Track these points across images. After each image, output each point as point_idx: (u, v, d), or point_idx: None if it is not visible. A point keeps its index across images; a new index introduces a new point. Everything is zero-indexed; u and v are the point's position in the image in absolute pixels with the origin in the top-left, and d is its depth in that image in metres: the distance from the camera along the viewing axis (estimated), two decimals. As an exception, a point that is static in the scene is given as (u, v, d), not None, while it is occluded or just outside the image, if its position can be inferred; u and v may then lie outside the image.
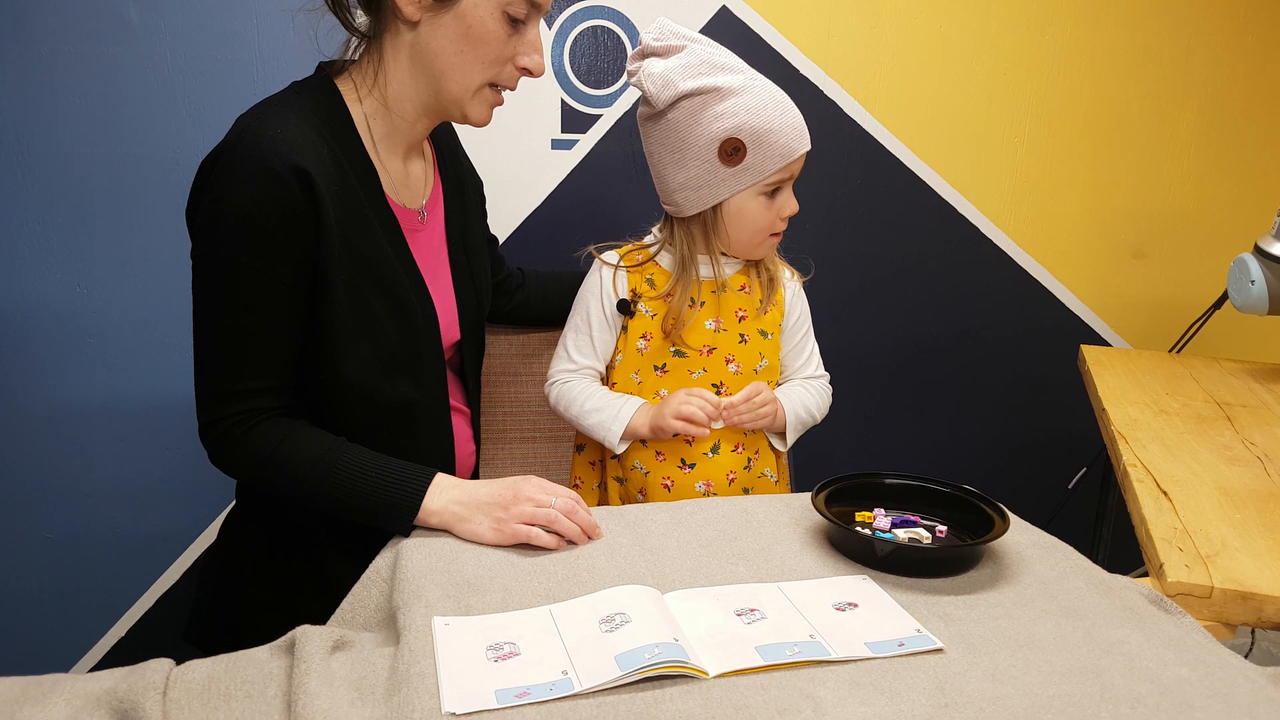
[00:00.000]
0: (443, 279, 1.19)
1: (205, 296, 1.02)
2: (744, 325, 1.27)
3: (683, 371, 1.26)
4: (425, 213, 1.16)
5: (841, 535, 1.01)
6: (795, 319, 1.32)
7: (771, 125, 1.18)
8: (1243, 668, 0.79)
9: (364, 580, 0.98)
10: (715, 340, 1.26)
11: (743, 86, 1.17)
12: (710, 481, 1.26)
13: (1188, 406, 1.50)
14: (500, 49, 1.05)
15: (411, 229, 1.13)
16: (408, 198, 1.14)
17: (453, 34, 1.03)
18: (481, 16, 1.02)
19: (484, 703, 0.72)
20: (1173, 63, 1.94)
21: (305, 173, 0.98)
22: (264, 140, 0.98)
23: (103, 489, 1.74)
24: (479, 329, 1.28)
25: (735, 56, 1.21)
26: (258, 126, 1.00)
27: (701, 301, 1.26)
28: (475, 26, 1.03)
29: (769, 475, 1.31)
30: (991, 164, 1.95)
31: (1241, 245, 2.00)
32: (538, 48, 1.09)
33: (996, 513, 1.02)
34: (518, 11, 1.04)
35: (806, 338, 1.34)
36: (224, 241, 0.99)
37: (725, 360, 1.26)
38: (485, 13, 1.02)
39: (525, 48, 1.07)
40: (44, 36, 1.55)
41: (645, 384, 1.27)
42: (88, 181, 1.62)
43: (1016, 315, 2.04)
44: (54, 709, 0.72)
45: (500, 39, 1.04)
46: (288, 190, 0.98)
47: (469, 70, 1.05)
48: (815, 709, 0.72)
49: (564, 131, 1.78)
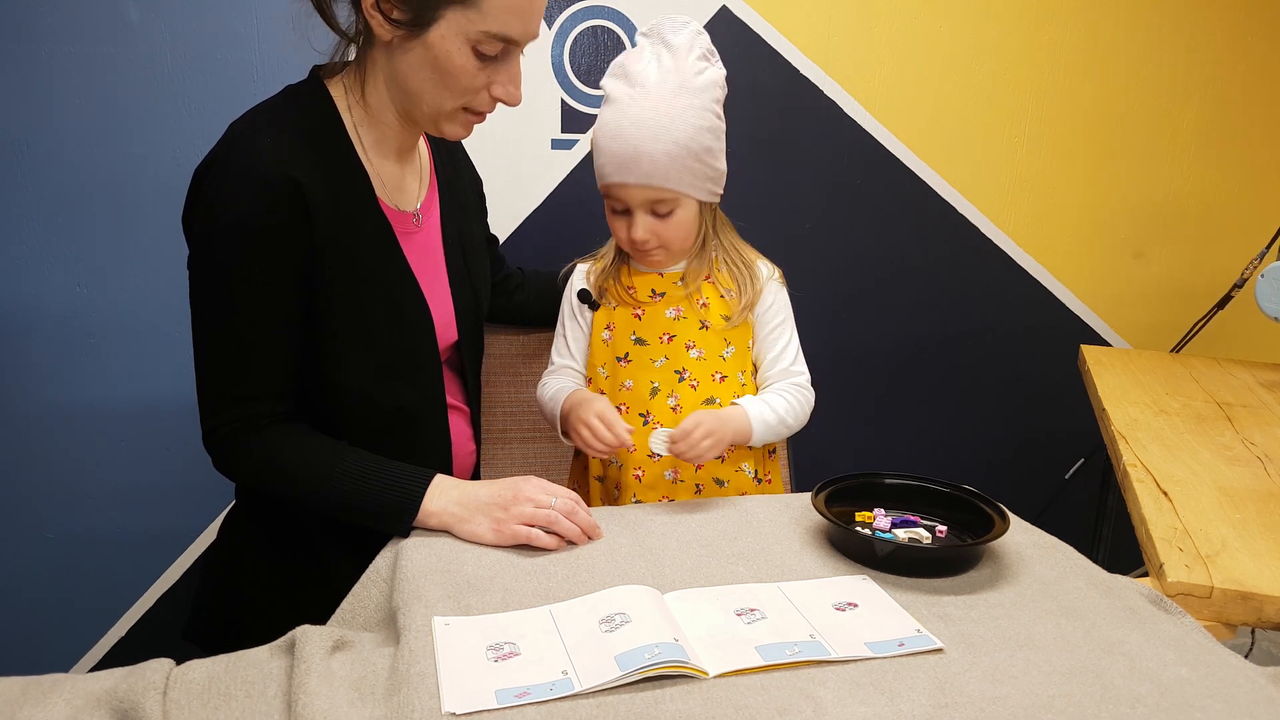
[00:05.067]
0: (439, 280, 1.19)
1: (202, 305, 1.03)
2: (705, 311, 1.27)
3: (644, 360, 1.26)
4: (420, 215, 1.16)
5: (841, 535, 1.01)
6: (768, 307, 1.30)
7: (601, 145, 1.18)
8: (1243, 668, 0.79)
9: (364, 580, 0.98)
10: (675, 328, 1.26)
11: (614, 98, 1.17)
12: (677, 469, 1.26)
13: (1188, 406, 1.50)
14: (470, 80, 1.03)
15: (406, 232, 1.13)
16: (401, 200, 1.14)
17: (422, 61, 1.02)
18: (449, 50, 1.00)
19: (484, 703, 0.72)
20: (1173, 62, 1.94)
21: (295, 182, 0.99)
22: (254, 150, 0.99)
23: (103, 489, 1.74)
24: (477, 329, 1.28)
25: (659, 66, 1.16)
26: (249, 135, 1.01)
27: (662, 293, 1.27)
28: (442, 59, 1.01)
29: (746, 469, 1.30)
30: (991, 164, 1.95)
31: (1242, 245, 2.00)
32: (515, 80, 1.06)
33: (996, 513, 1.02)
34: (488, 49, 1.01)
35: (782, 329, 1.30)
36: (218, 250, 1.00)
37: (686, 346, 1.26)
38: (453, 46, 1.00)
39: (502, 78, 1.05)
40: (44, 37, 1.55)
41: (612, 376, 1.28)
42: (88, 181, 1.62)
43: (1016, 315, 2.04)
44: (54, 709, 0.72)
45: (469, 71, 1.02)
46: (278, 200, 0.99)
47: (439, 96, 1.04)
48: (815, 709, 0.72)
49: (564, 131, 1.78)
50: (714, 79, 1.19)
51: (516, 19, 1.00)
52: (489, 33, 0.99)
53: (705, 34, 1.21)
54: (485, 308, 1.30)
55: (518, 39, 1.02)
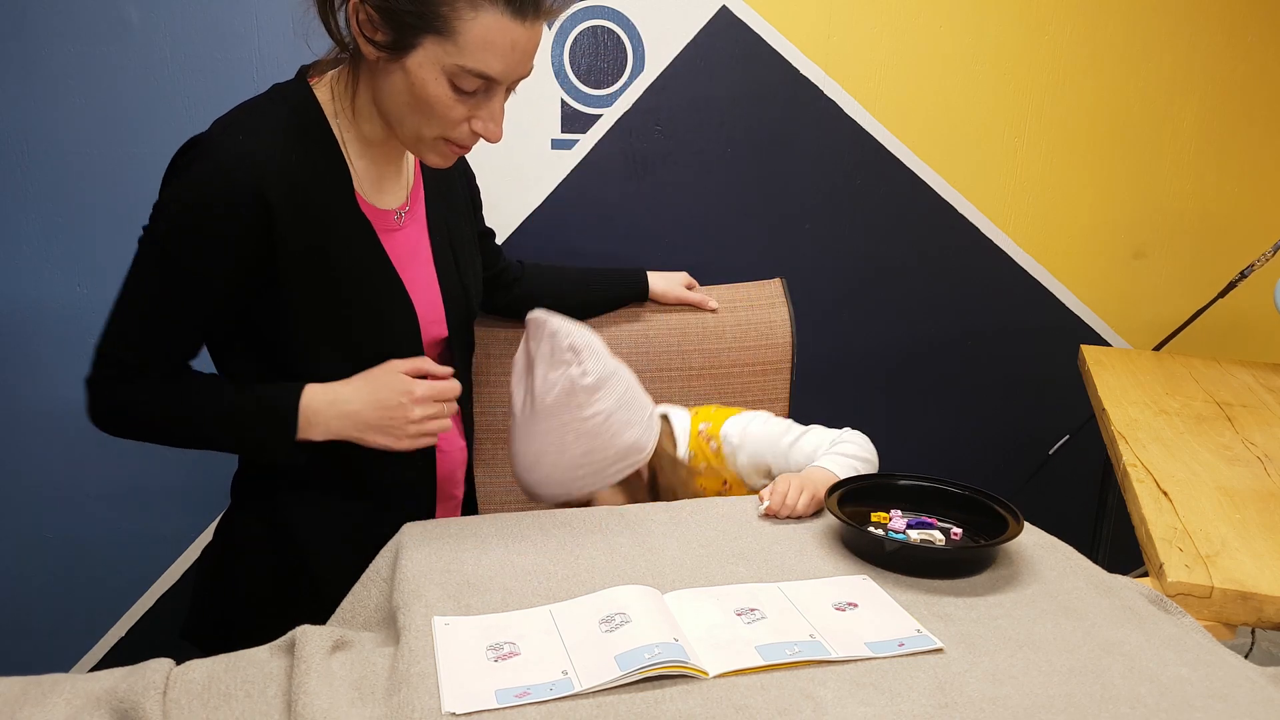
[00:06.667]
0: (426, 276, 1.19)
1: (136, 269, 1.04)
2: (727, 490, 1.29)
3: None
4: (402, 213, 1.16)
5: (852, 535, 1.01)
6: (750, 452, 1.26)
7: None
8: (1243, 668, 0.79)
9: (364, 580, 0.98)
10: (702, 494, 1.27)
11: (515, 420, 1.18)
12: None
13: (1188, 406, 1.50)
14: (447, 111, 1.01)
15: (387, 229, 1.13)
16: (383, 198, 1.14)
17: (402, 86, 1.00)
18: (425, 79, 0.98)
19: (484, 703, 0.72)
20: (1173, 63, 1.94)
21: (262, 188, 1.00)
22: (229, 148, 1.00)
23: (102, 489, 1.74)
24: (467, 324, 1.28)
25: (523, 395, 1.17)
26: (228, 133, 1.02)
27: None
28: (419, 87, 0.99)
29: None
30: (991, 164, 1.95)
31: (1241, 245, 2.00)
32: (495, 118, 1.03)
33: (1011, 515, 1.01)
34: (465, 85, 0.99)
35: (775, 441, 1.25)
36: (164, 223, 1.01)
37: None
38: (429, 76, 0.98)
39: (482, 115, 1.03)
40: (44, 37, 1.55)
41: None
42: (88, 181, 1.62)
43: (1016, 315, 2.04)
44: (54, 709, 0.72)
45: (445, 103, 1.00)
46: (239, 201, 0.99)
47: (417, 122, 1.03)
48: (815, 709, 0.72)
49: (564, 131, 1.78)
50: (566, 388, 1.13)
51: (495, 58, 0.98)
52: (465, 68, 0.97)
53: (562, 335, 1.14)
54: (476, 304, 1.30)
55: (496, 78, 0.99)
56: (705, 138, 1.82)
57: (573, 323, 1.17)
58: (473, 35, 0.96)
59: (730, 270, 1.77)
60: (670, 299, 1.57)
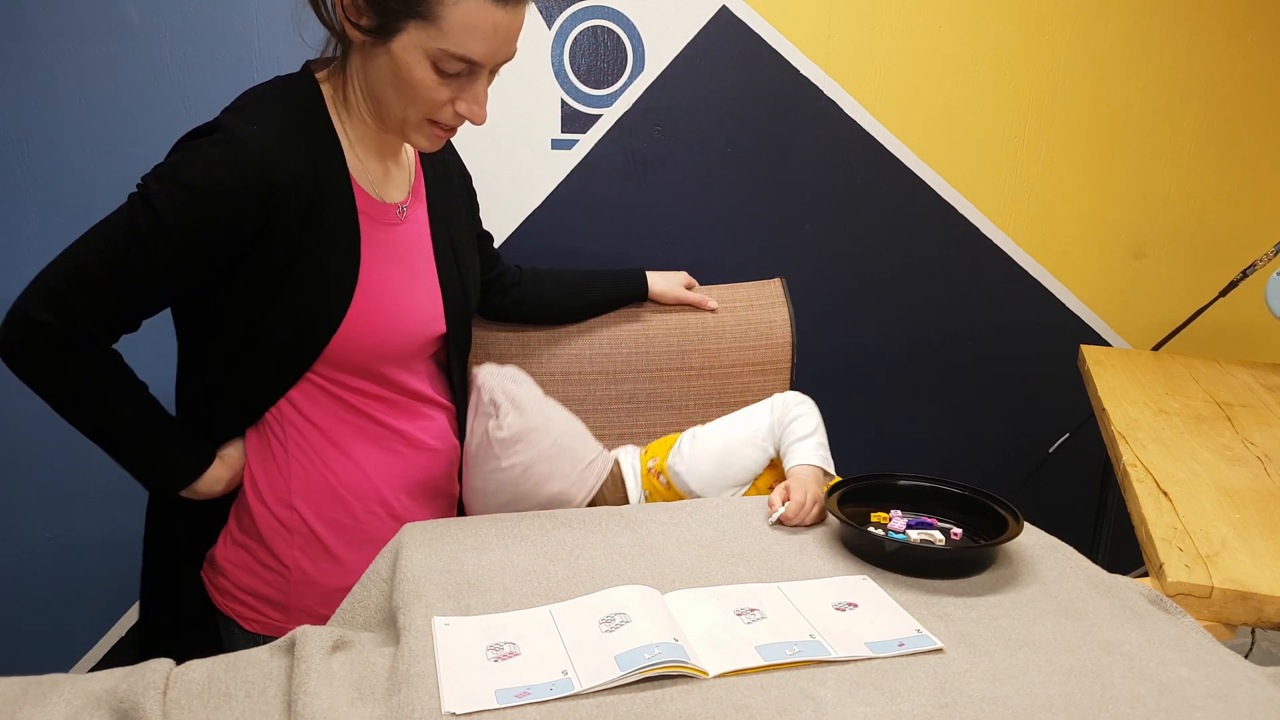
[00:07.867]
0: (426, 273, 1.19)
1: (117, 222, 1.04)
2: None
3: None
4: (404, 207, 1.16)
5: (852, 535, 1.01)
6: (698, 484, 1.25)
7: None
8: (1243, 668, 0.79)
9: (364, 580, 0.98)
10: None
11: None
12: None
13: (1188, 406, 1.50)
14: (431, 94, 1.03)
15: (388, 224, 1.14)
16: (386, 193, 1.15)
17: (388, 70, 1.02)
18: (409, 62, 1.00)
19: (484, 703, 0.72)
20: (1173, 63, 1.94)
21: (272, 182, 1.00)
22: (245, 137, 1.00)
23: (102, 490, 1.74)
24: (465, 322, 1.28)
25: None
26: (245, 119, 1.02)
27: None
28: (403, 70, 1.01)
29: None
30: (991, 164, 1.95)
31: (1241, 245, 2.00)
32: (479, 100, 1.05)
33: (1011, 515, 1.01)
34: (448, 67, 1.01)
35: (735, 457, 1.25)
36: (167, 197, 1.00)
37: None
38: (413, 59, 1.00)
39: (466, 97, 1.05)
40: (45, 37, 1.55)
41: None
42: (88, 181, 1.62)
43: (1016, 315, 2.04)
44: (54, 709, 0.72)
45: (429, 85, 1.02)
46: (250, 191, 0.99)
47: (403, 105, 1.05)
48: (815, 709, 0.72)
49: (564, 131, 1.78)
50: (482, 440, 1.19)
51: (478, 41, 0.99)
52: (447, 51, 0.99)
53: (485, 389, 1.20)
54: (474, 303, 1.30)
55: (479, 60, 1.01)
56: (705, 138, 1.82)
57: (509, 377, 1.22)
58: (455, 19, 0.97)
59: (730, 270, 1.78)
60: (670, 299, 1.57)
